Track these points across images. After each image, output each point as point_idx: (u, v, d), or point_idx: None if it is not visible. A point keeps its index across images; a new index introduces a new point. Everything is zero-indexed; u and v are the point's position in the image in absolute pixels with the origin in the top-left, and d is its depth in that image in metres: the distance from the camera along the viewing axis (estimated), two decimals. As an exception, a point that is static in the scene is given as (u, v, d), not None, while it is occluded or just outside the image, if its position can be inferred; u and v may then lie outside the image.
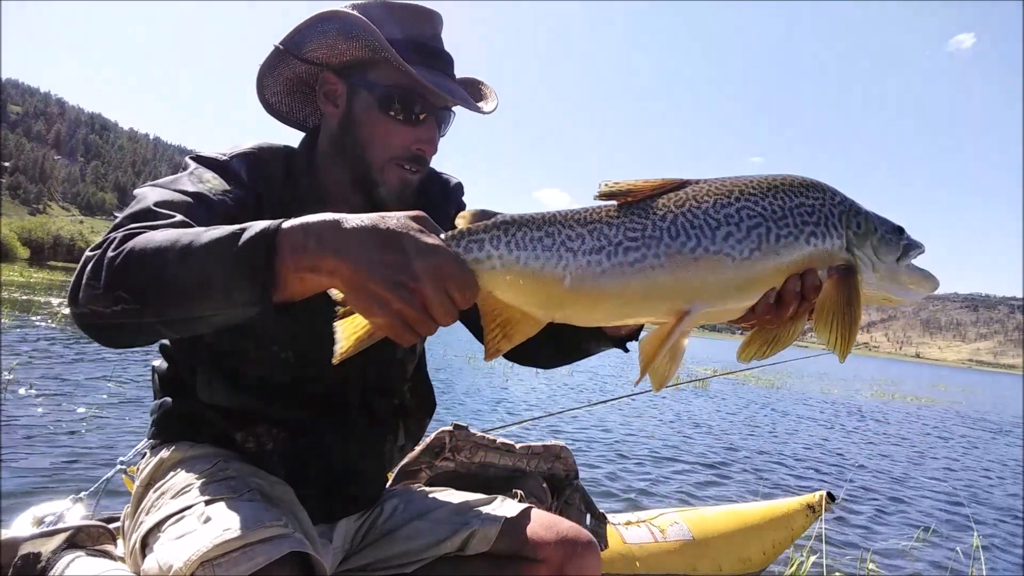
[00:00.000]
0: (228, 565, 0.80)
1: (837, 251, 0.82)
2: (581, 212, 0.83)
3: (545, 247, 0.80)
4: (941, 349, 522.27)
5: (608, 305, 0.80)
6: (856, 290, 0.81)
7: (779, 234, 0.80)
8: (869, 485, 5.54)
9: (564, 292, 0.79)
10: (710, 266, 0.78)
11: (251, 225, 0.75)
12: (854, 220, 0.84)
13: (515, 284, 0.80)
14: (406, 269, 0.71)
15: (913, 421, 11.84)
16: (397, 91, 1.08)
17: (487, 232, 0.81)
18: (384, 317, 0.72)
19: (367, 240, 0.72)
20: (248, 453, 1.13)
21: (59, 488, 2.96)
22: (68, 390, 5.26)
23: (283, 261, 0.73)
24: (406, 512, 1.27)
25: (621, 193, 0.82)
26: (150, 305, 0.77)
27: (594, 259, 0.79)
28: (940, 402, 18.38)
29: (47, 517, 1.44)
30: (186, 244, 0.76)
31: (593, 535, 1.25)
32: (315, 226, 0.74)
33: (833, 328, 0.80)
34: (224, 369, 1.13)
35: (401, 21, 1.09)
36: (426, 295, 0.72)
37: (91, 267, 0.79)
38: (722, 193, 0.81)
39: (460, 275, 0.74)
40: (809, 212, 0.81)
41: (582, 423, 6.56)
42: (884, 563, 3.46)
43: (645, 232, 0.79)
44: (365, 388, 1.22)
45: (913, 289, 0.87)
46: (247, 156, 1.13)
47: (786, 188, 0.83)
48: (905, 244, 0.86)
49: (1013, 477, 6.96)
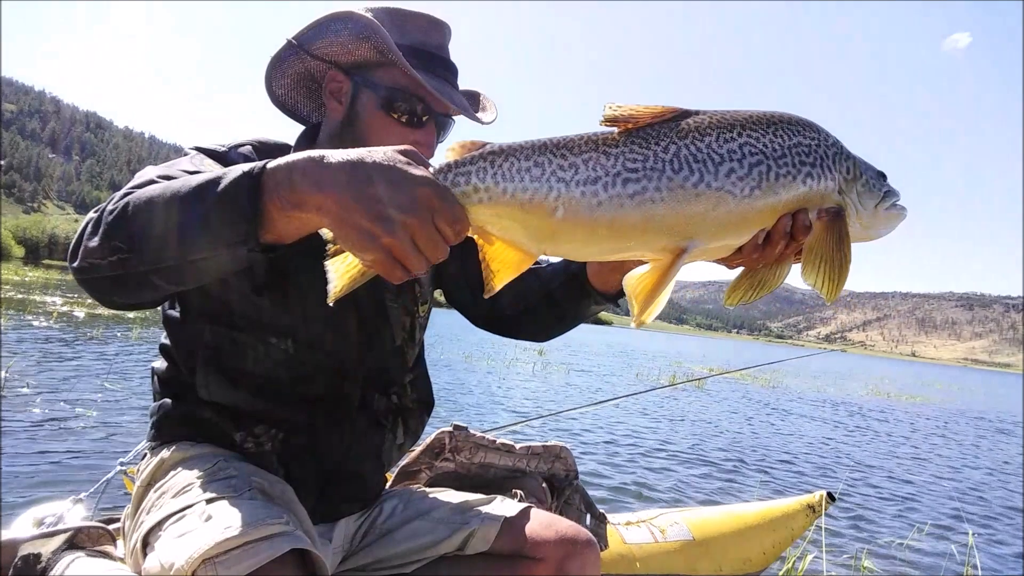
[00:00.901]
0: (230, 563, 0.81)
1: (830, 192, 0.81)
2: (575, 140, 0.79)
3: (534, 177, 0.77)
4: (936, 348, 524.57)
5: (602, 239, 0.78)
6: (846, 232, 0.81)
7: (778, 172, 0.78)
8: (866, 483, 5.56)
9: (556, 224, 0.77)
10: (712, 202, 0.76)
11: (236, 168, 0.76)
12: (845, 163, 0.84)
13: (504, 216, 0.78)
14: (393, 202, 0.69)
15: (908, 420, 11.88)
16: (400, 94, 1.10)
17: (474, 163, 0.78)
18: (372, 252, 0.71)
19: (353, 173, 0.71)
20: (247, 453, 1.14)
21: (59, 489, 2.94)
22: (66, 389, 5.25)
23: (269, 199, 0.73)
24: (405, 512, 1.27)
25: (623, 119, 0.79)
26: (143, 251, 0.78)
27: (589, 190, 0.76)
28: (935, 400, 18.46)
29: (47, 518, 1.44)
30: (176, 189, 0.77)
31: (593, 535, 1.25)
32: (300, 163, 0.73)
33: (822, 270, 0.80)
34: (223, 367, 1.13)
35: (411, 28, 1.13)
36: (414, 228, 0.70)
37: (91, 225, 0.82)
38: (725, 126, 0.79)
39: (448, 208, 0.72)
40: (806, 152, 0.80)
41: (582, 423, 6.56)
42: (881, 562, 3.46)
43: (647, 164, 0.76)
44: (364, 383, 1.22)
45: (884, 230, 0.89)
46: (246, 148, 1.16)
47: (784, 125, 0.81)
48: (885, 191, 0.87)
49: (1005, 474, 6.98)
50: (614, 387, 11.00)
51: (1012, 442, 10.39)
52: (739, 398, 11.57)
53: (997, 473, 7.10)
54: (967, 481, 6.35)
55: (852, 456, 6.91)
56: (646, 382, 12.13)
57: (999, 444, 9.84)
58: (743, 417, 9.08)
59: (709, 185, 0.76)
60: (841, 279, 0.80)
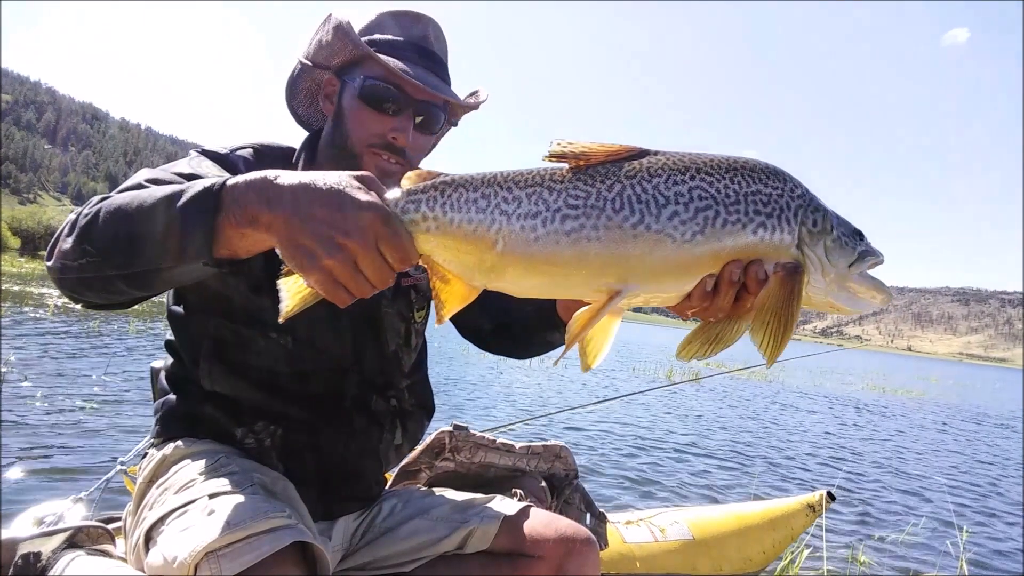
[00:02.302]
0: (232, 556, 0.82)
1: (786, 246, 0.77)
2: (524, 173, 0.78)
3: (479, 209, 0.76)
4: (932, 342, 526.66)
5: (539, 275, 0.76)
6: (797, 292, 0.76)
7: (727, 219, 0.75)
8: (864, 479, 5.57)
9: (496, 257, 0.76)
10: (648, 245, 0.74)
11: (199, 181, 0.77)
12: (811, 216, 0.79)
13: (449, 247, 0.78)
14: (337, 225, 0.70)
15: (906, 415, 11.93)
16: (376, 82, 1.13)
17: (425, 192, 0.78)
18: (314, 273, 0.72)
19: (302, 195, 0.72)
20: (248, 450, 1.15)
21: (59, 488, 2.95)
22: (66, 384, 5.25)
23: (224, 216, 0.74)
24: (405, 511, 1.28)
25: (573, 156, 0.77)
26: (109, 257, 0.80)
27: (528, 224, 0.75)
28: (932, 395, 18.54)
29: (47, 517, 1.45)
30: (143, 200, 0.79)
31: (593, 534, 1.25)
32: (255, 182, 0.75)
33: (768, 328, 0.75)
34: (226, 358, 1.15)
35: (393, 24, 1.19)
36: (356, 252, 0.71)
37: (68, 226, 0.84)
38: (678, 169, 0.76)
39: (392, 235, 0.72)
40: (764, 201, 0.77)
41: (582, 422, 6.55)
42: (879, 557, 3.47)
43: (588, 201, 0.74)
44: (362, 384, 1.23)
45: (863, 299, 0.82)
46: (247, 151, 1.19)
47: (746, 172, 0.78)
48: (861, 251, 0.81)
49: (1002, 469, 7.01)
50: (613, 383, 11.01)
51: (1010, 436, 10.44)
52: (736, 393, 11.57)
53: (994, 468, 7.13)
54: (964, 476, 6.37)
55: (850, 452, 6.92)
56: (644, 377, 12.14)
57: (996, 439, 9.88)
58: (741, 413, 9.08)
59: (648, 227, 0.74)
60: (782, 340, 0.75)
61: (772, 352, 0.76)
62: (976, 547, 3.95)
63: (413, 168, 1.17)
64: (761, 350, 0.76)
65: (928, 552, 3.72)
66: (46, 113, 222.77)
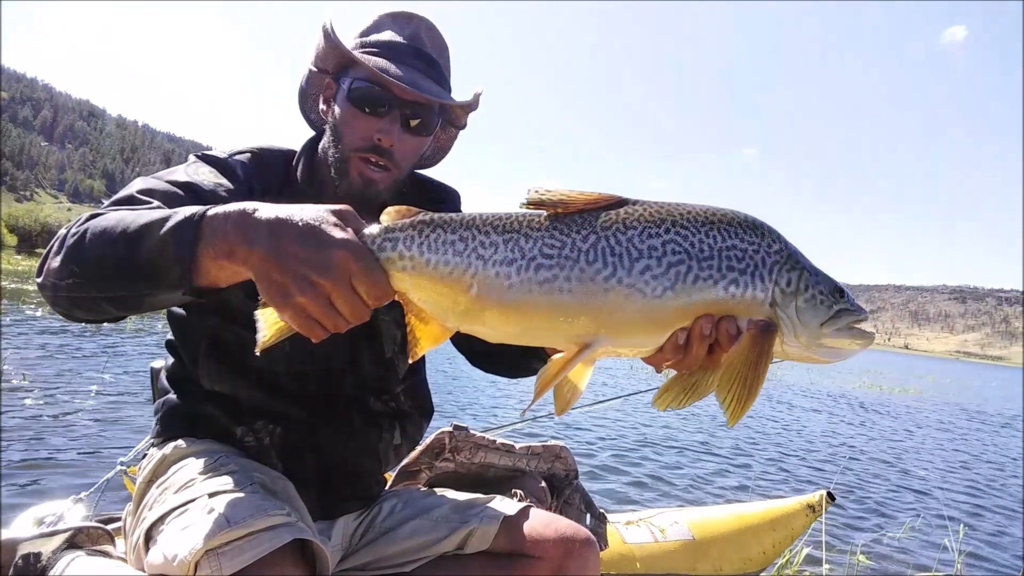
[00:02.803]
0: (232, 554, 0.82)
1: (759, 303, 0.76)
2: (503, 218, 0.79)
3: (456, 251, 0.77)
4: (929, 340, 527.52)
5: (511, 322, 0.76)
6: (767, 351, 0.75)
7: (698, 275, 0.74)
8: (863, 478, 5.58)
9: (470, 301, 0.76)
10: (619, 299, 0.73)
11: (179, 211, 0.78)
12: (786, 274, 0.77)
13: (424, 287, 0.78)
14: (311, 263, 0.71)
15: (906, 414, 11.95)
16: (362, 84, 1.12)
17: (403, 231, 0.79)
18: (287, 309, 0.73)
19: (277, 230, 0.73)
20: (248, 448, 1.16)
21: (59, 488, 2.95)
22: (64, 383, 5.24)
23: (203, 247, 0.75)
24: (405, 511, 1.28)
25: (551, 203, 0.77)
26: (94, 280, 0.81)
27: (503, 271, 0.75)
28: (930, 393, 18.58)
29: (47, 518, 1.45)
30: (125, 225, 0.79)
31: (593, 534, 1.25)
32: (234, 214, 0.75)
33: (733, 389, 0.74)
34: (225, 357, 1.15)
35: (391, 25, 1.19)
36: (329, 290, 0.72)
37: (57, 242, 0.85)
38: (654, 221, 0.76)
39: (366, 273, 0.73)
40: (739, 257, 0.76)
41: (582, 422, 6.55)
42: (877, 557, 3.48)
43: (562, 251, 0.75)
44: (358, 385, 1.24)
45: (841, 350, 0.80)
46: (245, 155, 1.19)
47: (723, 226, 0.77)
48: (839, 309, 0.79)
49: (997, 467, 7.03)
50: (614, 381, 11.02)
51: (1006, 434, 10.47)
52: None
53: (993, 466, 7.15)
54: (964, 474, 6.39)
55: (850, 450, 6.94)
56: (642, 375, 12.14)
57: (997, 438, 9.91)
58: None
59: (620, 280, 0.73)
60: (747, 401, 0.74)
61: (734, 413, 0.75)
62: (975, 544, 3.96)
63: (400, 172, 1.17)
64: (724, 410, 0.75)
65: (929, 549, 3.73)
66: (43, 110, 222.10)
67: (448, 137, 1.34)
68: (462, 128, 1.32)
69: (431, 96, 1.13)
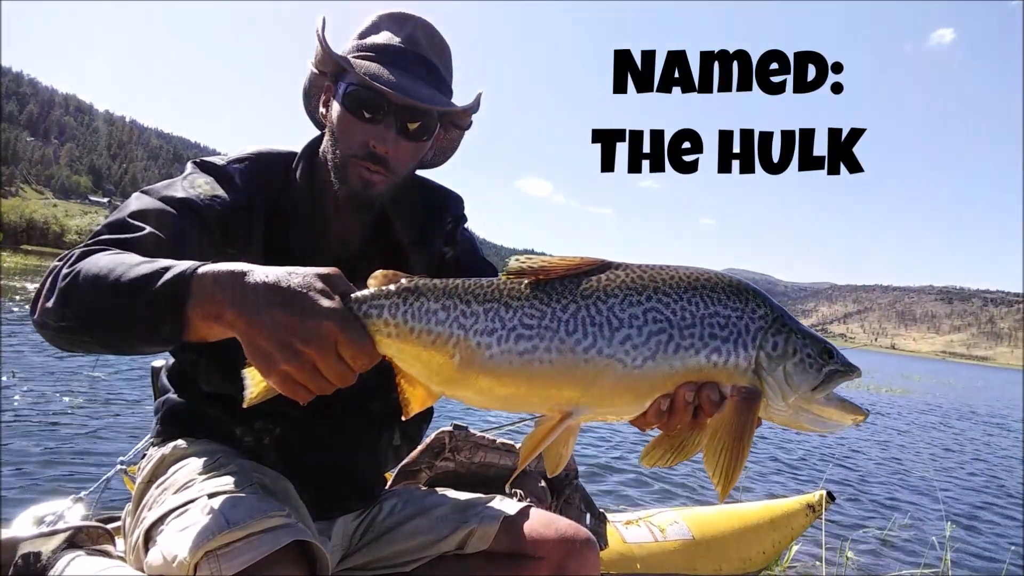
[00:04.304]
0: (232, 555, 0.82)
1: (742, 371, 0.75)
2: (485, 286, 0.79)
3: (439, 320, 0.78)
4: (916, 340, 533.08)
5: (494, 391, 0.77)
6: (751, 419, 0.74)
7: (679, 343, 0.74)
8: (861, 478, 5.61)
9: (453, 370, 0.77)
10: (598, 369, 0.73)
11: (172, 267, 0.79)
12: (771, 340, 0.76)
13: (409, 353, 0.80)
14: (295, 331, 0.72)
15: (897, 413, 12.05)
16: (356, 90, 1.11)
17: (388, 298, 0.80)
18: (273, 375, 0.74)
19: (264, 297, 0.74)
20: (247, 448, 1.16)
21: (59, 488, 2.94)
22: (61, 382, 5.22)
23: (192, 306, 0.76)
24: (405, 511, 1.28)
25: (532, 272, 0.78)
26: (87, 328, 0.83)
27: (484, 341, 0.76)
28: (917, 393, 18.78)
29: (47, 517, 1.45)
30: (116, 277, 0.80)
31: (593, 534, 1.25)
32: (223, 276, 0.76)
33: (719, 460, 0.73)
34: (223, 357, 1.13)
35: (389, 26, 1.17)
36: (315, 358, 0.73)
37: (51, 280, 0.86)
38: (635, 288, 0.76)
39: (351, 341, 0.74)
40: (722, 324, 0.75)
41: (580, 421, 6.54)
42: (876, 556, 3.49)
43: (542, 321, 0.75)
44: (358, 387, 1.20)
45: (831, 421, 0.78)
46: (244, 161, 1.18)
47: (707, 292, 0.77)
48: (828, 372, 0.77)
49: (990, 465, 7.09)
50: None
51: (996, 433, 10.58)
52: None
53: (987, 463, 7.22)
54: (962, 472, 6.45)
55: (848, 450, 6.98)
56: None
57: (987, 436, 10.01)
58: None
59: (600, 351, 0.73)
60: (734, 473, 0.73)
61: (724, 486, 0.73)
62: (974, 543, 3.99)
63: (398, 177, 1.15)
64: (713, 482, 0.74)
65: (928, 548, 3.75)
66: (28, 104, 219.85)
67: (451, 139, 1.31)
68: (466, 129, 1.28)
69: (424, 102, 1.10)
